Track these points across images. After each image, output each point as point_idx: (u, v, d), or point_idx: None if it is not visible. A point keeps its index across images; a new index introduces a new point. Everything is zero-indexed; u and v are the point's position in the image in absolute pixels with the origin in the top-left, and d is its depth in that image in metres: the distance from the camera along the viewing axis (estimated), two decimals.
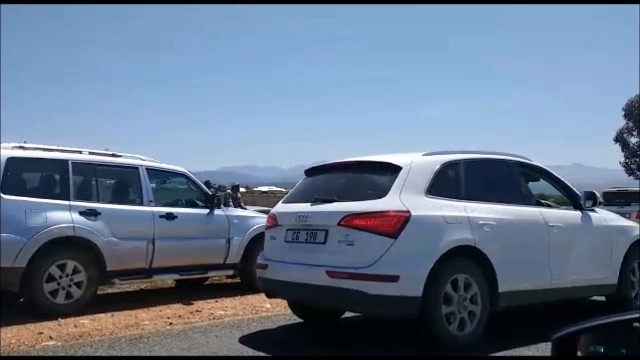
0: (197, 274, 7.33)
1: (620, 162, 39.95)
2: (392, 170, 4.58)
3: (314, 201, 4.73)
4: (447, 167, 4.80)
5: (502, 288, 4.63)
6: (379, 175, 4.69)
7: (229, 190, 15.56)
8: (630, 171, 39.43)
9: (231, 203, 15.19)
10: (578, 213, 5.56)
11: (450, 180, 4.81)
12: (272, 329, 5.32)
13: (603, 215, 5.80)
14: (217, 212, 7.47)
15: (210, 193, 7.63)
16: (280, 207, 5.22)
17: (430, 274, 4.22)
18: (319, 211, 4.62)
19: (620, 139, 39.81)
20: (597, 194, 5.60)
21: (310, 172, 5.29)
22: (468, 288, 4.47)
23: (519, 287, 4.80)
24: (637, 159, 39.16)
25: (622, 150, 39.70)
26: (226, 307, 6.62)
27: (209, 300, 6.93)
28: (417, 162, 4.69)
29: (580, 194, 5.61)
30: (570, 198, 5.74)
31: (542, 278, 4.99)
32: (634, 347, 1.12)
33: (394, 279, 4.14)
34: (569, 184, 5.76)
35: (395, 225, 4.23)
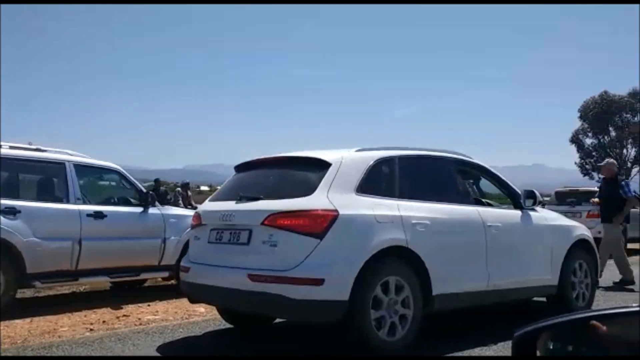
0: (129, 276, 6.94)
1: (575, 163, 40.87)
2: (321, 166, 4.32)
3: (239, 199, 4.44)
4: (381, 164, 4.57)
5: (436, 290, 4.42)
6: (307, 172, 4.42)
7: (178, 189, 15.10)
8: (585, 171, 40.36)
9: (181, 202, 14.76)
10: (518, 212, 5.41)
11: (384, 178, 4.58)
12: (198, 335, 4.99)
13: (544, 215, 5.66)
14: (152, 210, 7.10)
15: (144, 190, 7.25)
16: (206, 206, 4.91)
17: (358, 276, 3.96)
18: (243, 210, 4.32)
19: (576, 140, 40.74)
20: (536, 192, 5.45)
21: (240, 168, 4.98)
22: (399, 291, 4.24)
23: (454, 290, 4.59)
24: (592, 160, 40.09)
25: (578, 151, 40.63)
26: (157, 311, 6.27)
27: (140, 304, 6.56)
28: (348, 158, 4.44)
29: (520, 193, 5.45)
30: (510, 197, 5.58)
31: (479, 280, 4.81)
32: (591, 345, 1.13)
33: (318, 282, 3.87)
34: (508, 182, 5.60)
35: (321, 224, 3.96)
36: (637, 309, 1.15)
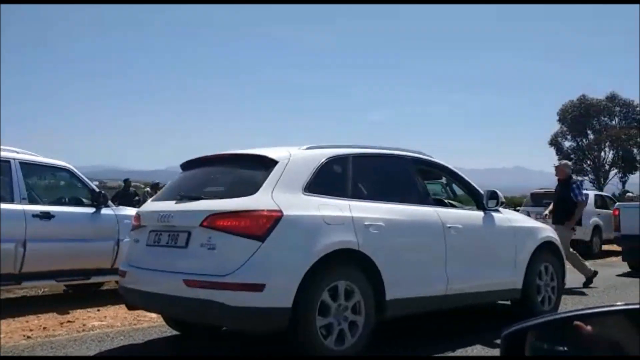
0: (78, 279, 6.60)
1: (554, 165, 41.08)
2: (267, 164, 4.05)
3: (180, 199, 4.15)
4: (333, 162, 4.32)
5: (390, 295, 4.18)
6: (252, 170, 4.14)
7: (147, 189, 14.73)
8: None
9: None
10: (480, 213, 5.18)
11: (335, 177, 4.33)
12: (139, 344, 4.68)
13: (507, 216, 5.45)
14: (105, 211, 6.77)
15: (96, 190, 6.92)
16: (147, 206, 4.61)
17: (303, 281, 3.70)
18: (181, 210, 4.04)
19: (554, 142, 40.99)
20: (499, 193, 5.23)
21: (186, 166, 4.69)
22: (350, 296, 3.99)
23: (410, 294, 4.35)
24: (571, 163, 40.30)
25: (557, 153, 40.86)
26: (105, 316, 5.94)
27: (90, 309, 6.23)
28: (297, 156, 4.18)
29: (483, 194, 5.23)
30: (473, 197, 5.37)
31: (437, 284, 4.57)
32: (576, 344, 1.14)
33: (258, 287, 3.60)
34: (471, 183, 5.38)
35: (263, 226, 3.69)
36: (622, 307, 1.15)
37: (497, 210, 5.34)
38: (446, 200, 5.52)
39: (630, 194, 18.07)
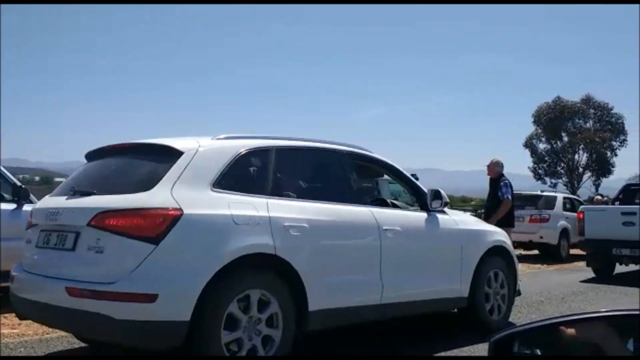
0: None
1: (528, 168, 41.13)
2: (171, 156, 3.56)
3: (73, 194, 3.65)
4: (251, 155, 3.84)
5: (313, 306, 3.73)
6: (154, 162, 3.65)
7: None
8: (538, 176, 40.64)
9: None
10: (423, 215, 4.75)
11: (254, 172, 3.86)
12: (39, 356, 4.17)
13: (454, 218, 5.02)
14: (28, 207, 6.20)
15: (18, 184, 6.36)
16: (41, 202, 4.10)
17: (205, 290, 3.23)
18: (70, 207, 3.54)
19: (529, 144, 40.98)
20: (442, 192, 4.81)
21: (90, 155, 4.17)
22: (264, 307, 3.53)
23: (337, 304, 3.90)
24: (545, 165, 40.42)
25: (531, 155, 40.89)
26: (20, 324, 5.38)
27: (7, 315, 5.66)
28: (207, 147, 3.70)
29: (427, 193, 4.80)
30: (416, 197, 4.94)
31: (370, 292, 4.13)
32: (557, 348, 1.18)
33: (150, 298, 3.12)
34: (413, 180, 4.95)
35: (158, 226, 3.21)
36: (606, 314, 1.17)
37: (442, 212, 4.92)
38: (390, 201, 5.08)
39: (599, 197, 17.88)
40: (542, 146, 40.82)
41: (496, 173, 7.88)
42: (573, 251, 13.96)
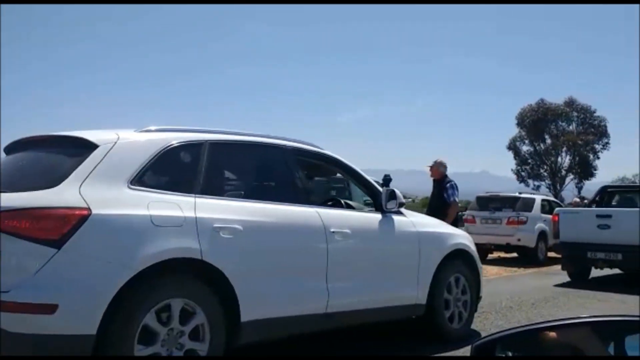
0: None
1: (512, 170, 41.09)
2: (85, 149, 3.21)
3: None
4: (179, 150, 3.50)
5: (246, 316, 3.39)
6: (66, 156, 3.29)
7: None
8: (521, 178, 40.61)
9: None
10: (377, 216, 4.43)
11: (181, 168, 3.52)
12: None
13: (412, 219, 4.70)
14: None
15: None
16: None
17: (115, 301, 2.88)
18: None
19: (513, 146, 40.94)
20: (398, 192, 4.48)
21: (8, 149, 3.78)
22: (188, 318, 3.18)
23: (275, 314, 3.57)
24: (528, 167, 40.40)
25: (515, 157, 40.84)
26: None
27: None
28: (127, 140, 3.35)
29: (382, 192, 4.48)
30: (371, 197, 4.61)
31: (314, 300, 3.80)
32: (537, 352, 1.19)
33: (48, 309, 2.76)
34: (369, 179, 4.62)
35: (61, 227, 2.85)
36: (588, 319, 1.18)
37: (399, 213, 4.60)
38: (344, 201, 4.74)
39: (578, 200, 17.70)
40: (525, 148, 40.81)
41: (440, 174, 7.45)
42: (552, 254, 13.76)
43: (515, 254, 14.40)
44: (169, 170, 3.43)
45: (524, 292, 8.03)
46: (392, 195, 4.42)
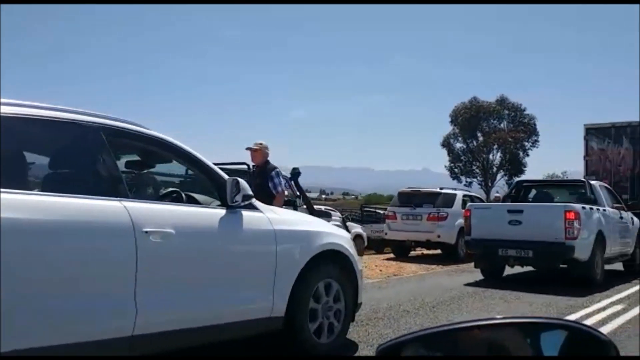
0: None
1: (445, 166, 41.43)
2: None
3: None
4: None
5: (6, 346, 2.51)
6: None
7: None
8: (454, 175, 41.01)
9: None
10: (219, 212, 3.63)
11: None
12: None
13: (268, 216, 3.92)
14: None
15: None
16: None
17: None
18: None
19: (446, 144, 41.28)
20: (243, 183, 3.69)
21: None
22: None
23: (46, 342, 2.69)
24: (461, 164, 40.82)
25: (448, 154, 41.19)
26: None
27: None
28: None
29: (227, 183, 3.69)
30: (217, 189, 3.79)
31: (111, 320, 2.94)
32: (459, 351, 1.14)
33: None
34: (213, 168, 3.80)
35: None
36: (502, 320, 1.14)
37: (252, 208, 3.83)
38: (186, 194, 3.90)
39: (498, 195, 17.57)
40: (458, 145, 41.24)
41: (263, 159, 6.54)
42: None
43: (439, 251, 14.04)
44: None
45: (430, 293, 7.47)
46: (235, 186, 3.64)
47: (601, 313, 6.34)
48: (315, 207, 12.35)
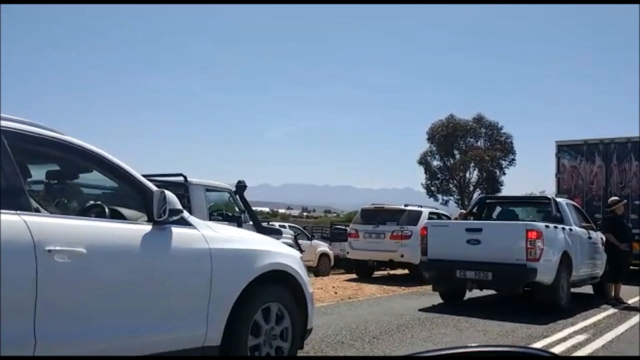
0: None
1: (422, 184, 40.95)
2: None
3: None
4: None
5: None
6: None
7: None
8: (430, 193, 40.54)
9: None
10: (144, 228, 3.26)
11: None
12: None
13: (204, 233, 3.55)
14: None
15: None
16: None
17: None
18: None
19: (424, 161, 40.84)
20: (171, 196, 3.29)
21: None
22: None
23: None
24: (437, 182, 40.38)
25: (425, 172, 40.73)
26: None
27: None
28: None
29: (154, 195, 3.32)
30: (143, 203, 3.37)
31: (8, 352, 2.55)
32: None
33: None
34: (139, 179, 3.39)
35: None
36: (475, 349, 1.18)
37: (185, 224, 3.47)
38: (109, 208, 3.30)
39: (464, 211, 16.88)
40: (435, 163, 40.85)
41: None
42: None
43: (407, 271, 13.32)
44: None
45: (377, 320, 6.83)
46: (163, 198, 3.27)
47: (562, 344, 5.68)
48: (264, 224, 11.60)
